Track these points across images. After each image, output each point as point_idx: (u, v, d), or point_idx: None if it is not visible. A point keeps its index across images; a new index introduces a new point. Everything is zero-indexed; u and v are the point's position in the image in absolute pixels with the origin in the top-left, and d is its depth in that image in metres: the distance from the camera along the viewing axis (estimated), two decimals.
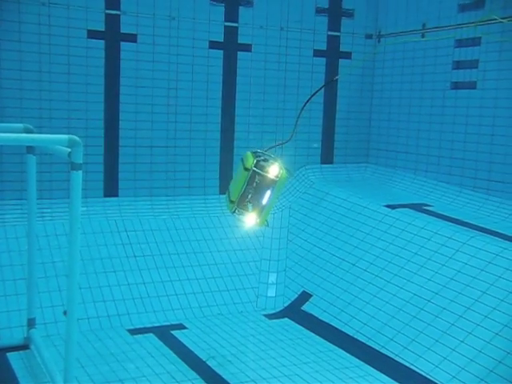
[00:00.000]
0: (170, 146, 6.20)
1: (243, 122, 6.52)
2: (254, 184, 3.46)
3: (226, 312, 5.23)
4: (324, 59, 6.78)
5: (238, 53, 6.40)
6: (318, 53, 6.73)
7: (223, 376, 3.96)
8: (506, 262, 4.33)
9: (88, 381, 3.76)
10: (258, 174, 3.45)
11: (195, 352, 4.33)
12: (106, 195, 5.94)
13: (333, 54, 6.81)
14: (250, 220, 3.60)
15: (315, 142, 6.81)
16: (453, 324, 4.25)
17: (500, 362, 3.76)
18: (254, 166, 3.45)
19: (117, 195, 5.99)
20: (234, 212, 3.58)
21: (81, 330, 4.51)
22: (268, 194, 3.50)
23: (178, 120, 6.19)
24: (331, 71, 6.78)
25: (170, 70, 6.09)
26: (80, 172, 3.16)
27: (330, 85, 6.76)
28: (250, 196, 3.46)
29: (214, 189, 6.44)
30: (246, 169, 3.44)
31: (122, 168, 6.01)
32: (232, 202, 3.56)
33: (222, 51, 6.32)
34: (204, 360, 4.20)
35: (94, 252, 5.25)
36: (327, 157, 6.94)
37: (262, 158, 3.59)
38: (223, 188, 6.50)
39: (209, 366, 4.11)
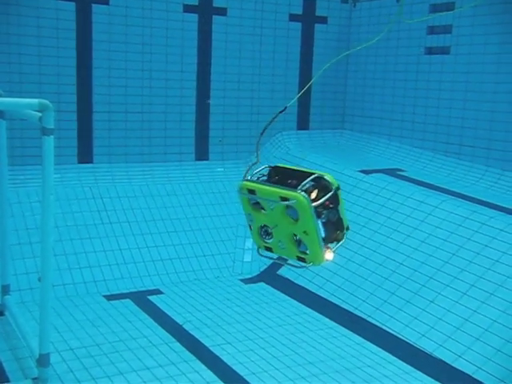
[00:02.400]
0: (145, 112, 6.14)
1: (219, 88, 6.47)
2: (323, 216, 2.44)
3: (203, 277, 5.28)
4: (300, 24, 6.73)
5: (213, 17, 6.32)
6: (293, 17, 6.67)
7: (199, 339, 4.03)
8: (476, 225, 4.43)
9: (64, 346, 3.79)
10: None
11: (172, 316, 4.39)
12: (80, 162, 5.89)
13: (308, 19, 6.76)
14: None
15: (291, 107, 6.80)
16: (423, 285, 4.36)
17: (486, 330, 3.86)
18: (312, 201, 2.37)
19: (91, 162, 5.94)
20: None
21: (57, 297, 4.52)
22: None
23: (152, 85, 6.12)
24: (307, 36, 6.74)
25: (144, 34, 5.99)
26: (52, 137, 3.13)
27: (306, 50, 6.72)
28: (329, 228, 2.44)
29: (190, 155, 6.42)
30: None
31: (96, 134, 5.95)
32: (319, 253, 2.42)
33: (196, 15, 6.23)
34: (180, 324, 4.25)
35: (69, 219, 5.23)
36: (303, 123, 6.95)
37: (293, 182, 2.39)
38: (199, 154, 6.50)
39: (185, 330, 4.16)
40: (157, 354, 3.76)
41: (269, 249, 2.61)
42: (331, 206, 2.43)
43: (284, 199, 2.32)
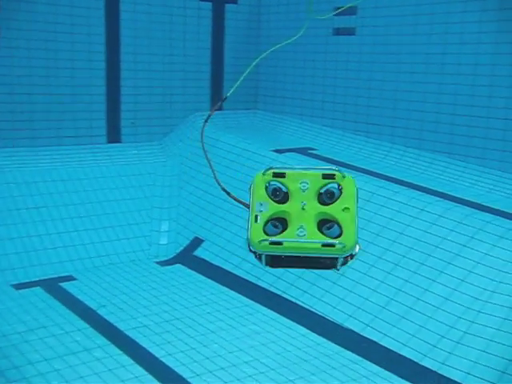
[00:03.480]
0: (54, 94, 5.92)
1: (129, 69, 6.34)
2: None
3: (118, 261, 5.20)
4: (210, 4, 6.68)
5: None
6: None
7: (114, 323, 3.98)
8: (382, 200, 4.63)
9: None
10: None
11: (85, 302, 4.30)
12: None
13: None
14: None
15: (204, 88, 6.78)
16: (348, 267, 4.51)
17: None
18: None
19: None
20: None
21: None
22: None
23: (59, 66, 5.91)
24: (218, 16, 6.71)
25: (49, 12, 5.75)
26: None
27: (217, 30, 6.70)
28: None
29: (102, 138, 6.27)
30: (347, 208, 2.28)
31: None
32: (354, 233, 2.29)
33: None
34: (94, 309, 4.18)
35: None
36: (217, 103, 6.94)
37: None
38: (111, 137, 6.36)
39: (99, 315, 4.10)
40: (69, 342, 3.68)
41: (270, 245, 2.28)
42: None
43: (328, 177, 2.22)
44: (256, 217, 2.12)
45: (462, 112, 5.15)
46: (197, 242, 5.44)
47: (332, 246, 2.00)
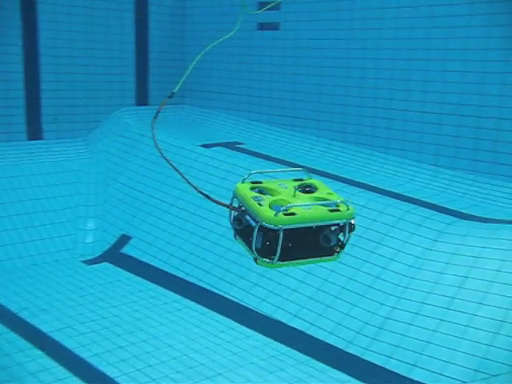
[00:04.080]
0: None
1: (50, 63, 6.13)
2: None
3: (41, 262, 5.04)
4: None
5: None
6: None
7: (37, 325, 3.85)
8: None
9: None
10: None
11: (5, 305, 4.14)
12: None
13: None
14: None
15: (129, 83, 6.66)
16: None
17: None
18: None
19: None
20: None
21: None
22: None
23: None
24: (141, 4, 6.59)
25: None
26: None
27: (141, 24, 6.59)
28: None
29: (21, 135, 6.04)
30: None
31: None
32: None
33: None
34: (15, 312, 4.03)
35: None
36: (142, 98, 6.84)
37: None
38: (31, 133, 6.14)
39: (21, 318, 3.96)
40: None
41: (286, 217, 2.07)
42: None
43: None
44: (259, 204, 2.05)
45: (383, 105, 5.32)
46: (124, 240, 5.35)
47: (338, 210, 2.00)
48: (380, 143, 5.38)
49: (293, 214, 1.86)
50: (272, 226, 1.85)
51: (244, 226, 2.10)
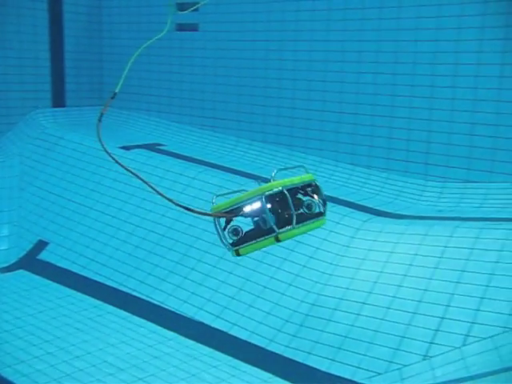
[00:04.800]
0: None
1: None
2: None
3: None
4: None
5: None
6: None
7: None
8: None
9: None
10: None
11: None
12: None
13: None
14: None
15: (44, 84, 6.43)
16: (184, 254, 4.53)
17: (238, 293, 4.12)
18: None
19: None
20: None
21: None
22: None
23: None
24: (54, 9, 6.40)
25: None
26: None
27: (55, 23, 6.39)
28: None
29: None
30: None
31: None
32: None
33: None
34: None
35: None
36: (59, 100, 6.63)
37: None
38: None
39: None
40: None
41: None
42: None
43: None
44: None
45: (300, 106, 5.42)
46: (41, 245, 5.17)
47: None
48: (299, 143, 5.48)
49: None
50: (272, 191, 2.27)
51: (240, 237, 2.25)
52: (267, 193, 2.31)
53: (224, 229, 2.41)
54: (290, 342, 3.61)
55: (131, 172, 2.37)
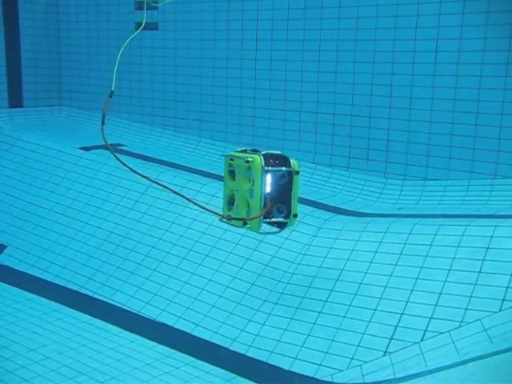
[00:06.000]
0: None
1: None
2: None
3: None
4: None
5: None
6: None
7: None
8: (192, 193, 4.71)
9: None
10: None
11: None
12: None
13: None
14: None
15: (0, 84, 6.28)
16: (146, 255, 4.50)
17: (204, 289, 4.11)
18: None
19: None
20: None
21: None
22: None
23: None
24: (8, 8, 6.26)
25: None
26: None
27: (10, 22, 6.24)
28: None
29: None
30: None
31: None
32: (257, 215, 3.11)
33: None
34: None
35: None
36: (16, 100, 6.49)
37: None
38: None
39: None
40: None
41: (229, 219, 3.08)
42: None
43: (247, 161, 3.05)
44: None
45: (262, 105, 5.44)
46: None
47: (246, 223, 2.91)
48: (261, 142, 5.49)
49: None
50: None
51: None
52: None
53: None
54: (252, 342, 3.61)
55: (150, 180, 2.67)
